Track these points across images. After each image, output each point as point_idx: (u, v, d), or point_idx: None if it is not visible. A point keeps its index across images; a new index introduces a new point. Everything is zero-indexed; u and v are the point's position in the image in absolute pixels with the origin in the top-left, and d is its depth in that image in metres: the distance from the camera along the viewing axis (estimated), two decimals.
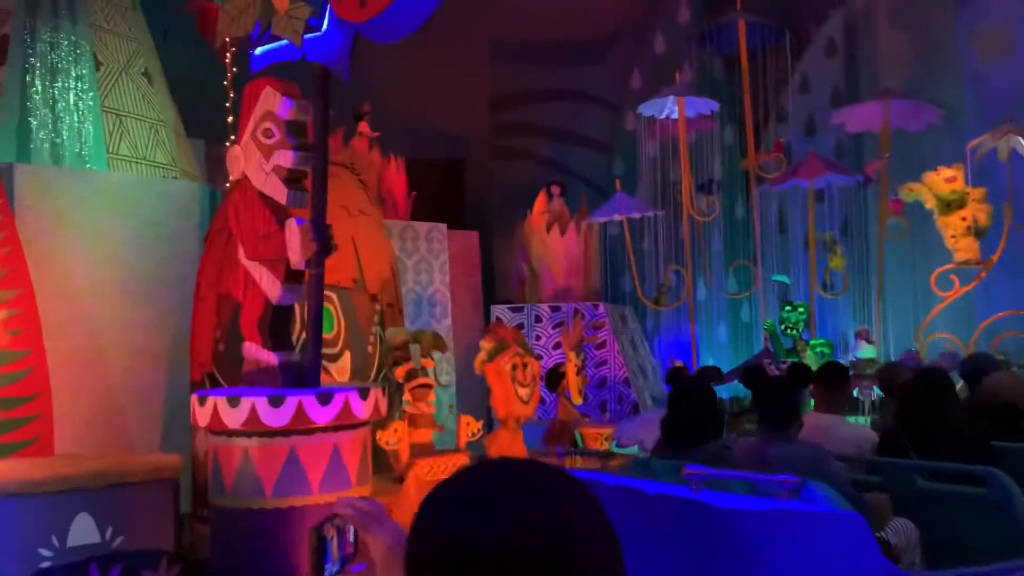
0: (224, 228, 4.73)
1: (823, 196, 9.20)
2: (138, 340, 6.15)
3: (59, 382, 5.64)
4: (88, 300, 5.92)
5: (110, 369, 6.04)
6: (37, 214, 5.75)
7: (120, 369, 6.06)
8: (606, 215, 8.08)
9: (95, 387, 5.91)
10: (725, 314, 9.83)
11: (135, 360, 6.12)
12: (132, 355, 6.09)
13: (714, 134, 9.40)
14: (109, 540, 5.03)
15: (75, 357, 5.80)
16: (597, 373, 8.00)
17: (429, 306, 8.20)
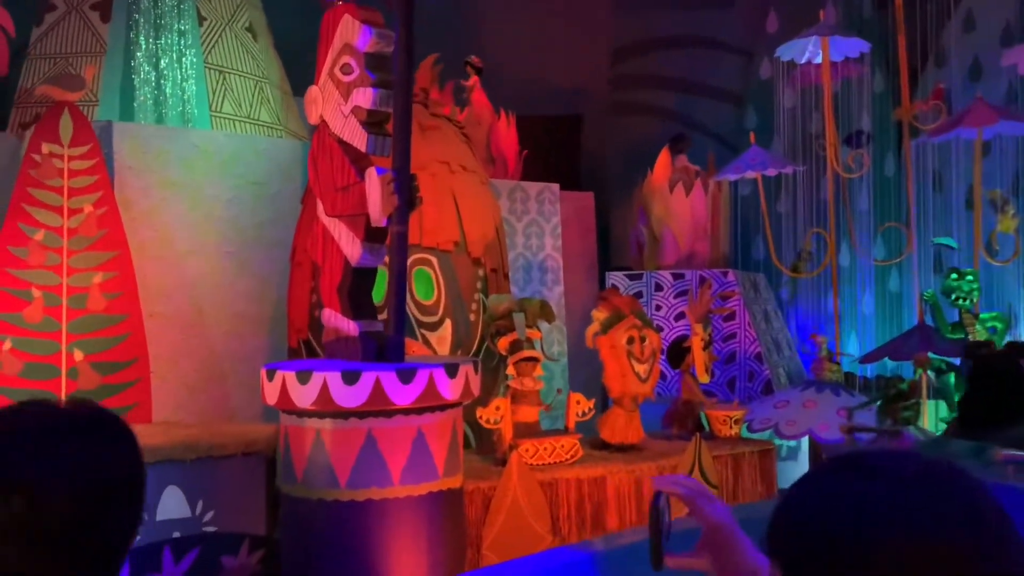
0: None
1: (989, 149, 8.04)
2: (239, 304, 5.95)
3: (158, 348, 5.52)
4: (188, 263, 5.76)
5: (211, 334, 5.88)
6: (136, 174, 5.59)
7: (221, 334, 5.89)
8: (737, 172, 7.27)
9: (195, 353, 5.75)
10: (871, 283, 8.83)
11: (236, 325, 5.93)
12: (233, 320, 5.91)
13: (863, 80, 8.36)
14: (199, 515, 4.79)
15: (174, 322, 5.67)
16: (725, 348, 7.26)
17: (540, 272, 7.66)
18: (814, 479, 0.97)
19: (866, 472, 0.93)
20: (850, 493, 0.91)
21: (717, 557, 1.27)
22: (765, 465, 5.34)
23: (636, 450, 5.11)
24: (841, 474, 0.94)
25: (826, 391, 5.77)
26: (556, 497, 4.51)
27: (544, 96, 9.46)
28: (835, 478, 0.94)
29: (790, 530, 0.94)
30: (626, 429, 5.12)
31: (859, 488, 0.91)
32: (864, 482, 0.91)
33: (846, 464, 0.96)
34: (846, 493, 0.91)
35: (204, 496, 4.62)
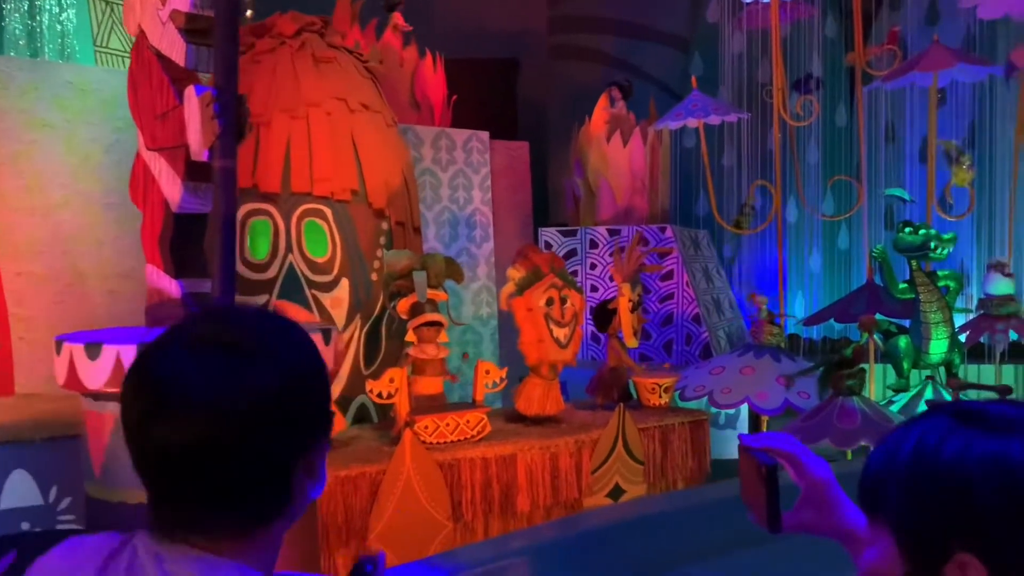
0: None
1: (944, 98, 7.60)
2: (125, 263, 5.29)
3: (28, 310, 4.89)
4: (63, 215, 5.11)
5: (90, 296, 5.24)
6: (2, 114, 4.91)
7: (102, 296, 5.26)
8: (677, 119, 6.71)
9: (72, 317, 5.09)
10: (819, 239, 8.40)
11: (120, 285, 5.29)
12: (116, 280, 5.27)
13: (814, 23, 7.83)
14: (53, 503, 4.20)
15: (47, 282, 5.03)
16: (662, 309, 6.77)
17: (467, 228, 7.07)
18: (932, 433, 0.93)
19: (999, 425, 0.91)
20: (988, 451, 0.89)
21: (817, 515, 1.23)
22: (697, 437, 4.87)
23: (554, 423, 4.60)
24: (967, 429, 0.92)
25: (765, 356, 5.31)
26: (458, 479, 3.98)
27: (477, 38, 8.79)
28: (962, 435, 0.92)
29: (917, 489, 0.91)
30: (543, 400, 4.60)
31: (996, 446, 0.89)
32: (999, 439, 0.89)
33: (969, 416, 0.94)
34: (984, 451, 0.89)
35: (60, 482, 4.03)
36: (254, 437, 0.97)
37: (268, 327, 1.04)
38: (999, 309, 5.54)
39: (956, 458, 0.89)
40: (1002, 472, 0.87)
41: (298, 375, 1.01)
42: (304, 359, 1.04)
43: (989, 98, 7.77)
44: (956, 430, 0.92)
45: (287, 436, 1.00)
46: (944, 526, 0.89)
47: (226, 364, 0.97)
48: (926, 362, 5.12)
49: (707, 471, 4.93)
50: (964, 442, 0.90)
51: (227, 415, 0.95)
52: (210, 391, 0.96)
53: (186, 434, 0.95)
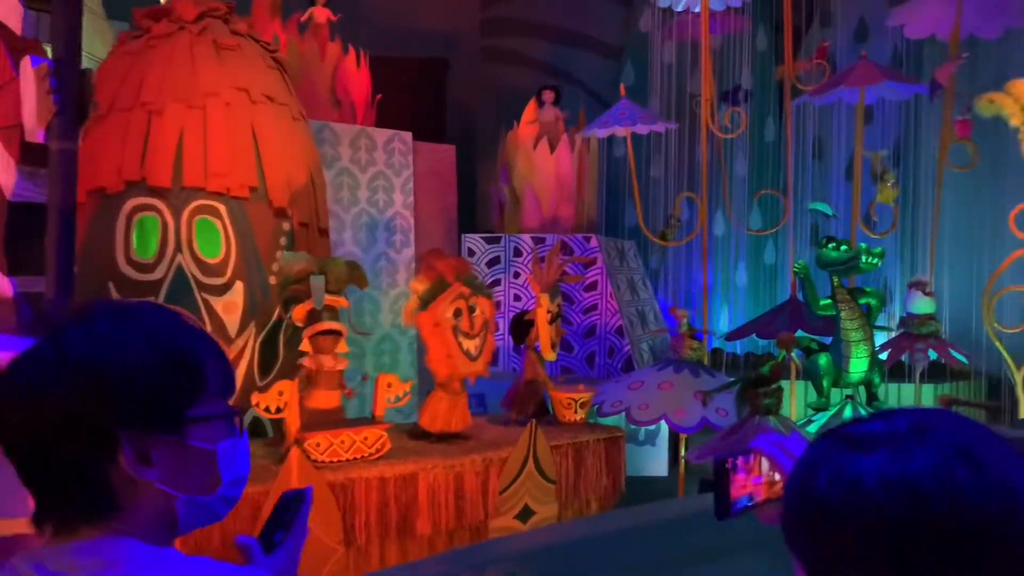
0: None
1: (872, 115, 7.61)
2: None
3: None
4: None
5: None
6: None
7: None
8: (605, 127, 6.54)
9: None
10: (745, 253, 8.34)
11: None
12: None
13: (743, 35, 7.78)
14: None
15: None
16: (585, 320, 6.58)
17: (386, 232, 6.79)
18: (813, 460, 0.89)
19: (864, 444, 0.87)
20: (850, 474, 0.85)
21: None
22: (612, 455, 4.68)
23: (461, 440, 4.36)
24: (841, 453, 0.88)
25: (684, 371, 5.15)
26: (352, 501, 3.70)
27: (406, 37, 8.52)
28: (835, 459, 0.87)
29: (803, 519, 0.88)
30: (449, 415, 4.35)
31: (855, 468, 0.85)
32: (861, 459, 0.86)
33: (844, 439, 0.89)
34: (849, 474, 0.85)
35: None
36: (54, 434, 1.00)
37: (98, 321, 1.04)
38: (919, 328, 5.48)
39: (828, 484, 0.87)
40: (858, 492, 0.85)
41: (103, 369, 1.01)
42: (115, 354, 1.02)
43: (914, 117, 7.81)
44: (832, 455, 0.90)
45: (85, 431, 1.00)
46: (831, 554, 0.87)
47: (43, 359, 1.01)
48: (846, 381, 5.02)
49: (621, 490, 4.74)
50: (835, 467, 0.88)
51: (35, 412, 0.99)
52: (24, 389, 1.00)
53: (13, 434, 1.01)
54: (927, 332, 5.47)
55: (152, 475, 1.02)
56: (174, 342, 1.05)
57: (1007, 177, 6.85)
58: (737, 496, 1.22)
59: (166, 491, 1.03)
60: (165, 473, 1.03)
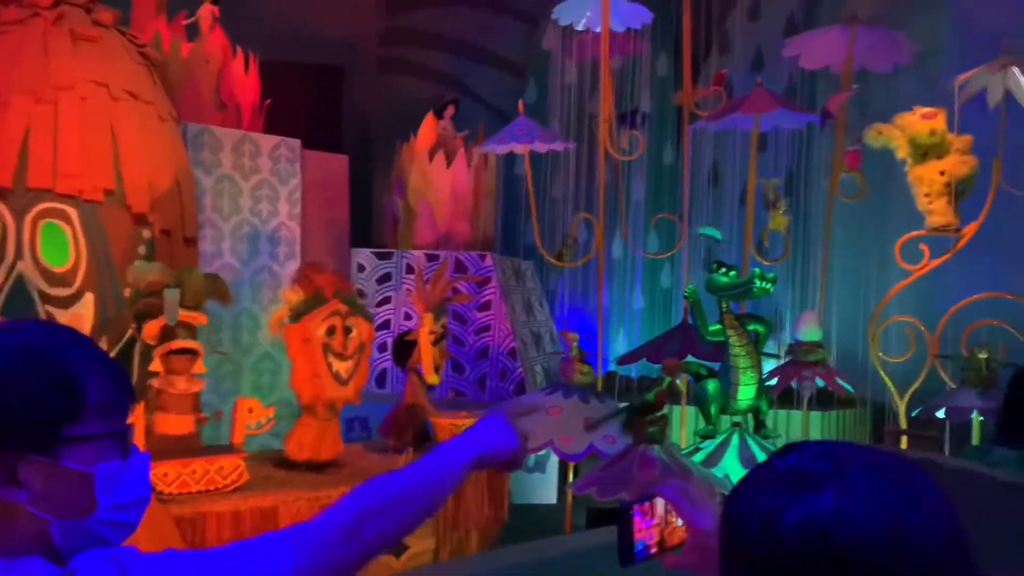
0: None
1: (766, 144, 7.70)
2: None
3: None
4: None
5: None
6: None
7: None
8: (502, 143, 6.38)
9: None
10: (642, 277, 8.31)
11: None
12: None
13: (643, 57, 7.78)
14: None
15: None
16: (478, 341, 6.38)
17: (270, 244, 6.45)
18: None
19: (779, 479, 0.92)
20: (764, 510, 0.90)
21: (700, 561, 1.24)
22: (495, 483, 4.47)
23: (331, 469, 4.07)
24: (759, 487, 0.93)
25: (574, 396, 4.98)
26: (202, 538, 3.37)
27: (301, 43, 8.19)
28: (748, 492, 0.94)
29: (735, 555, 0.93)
30: (317, 442, 4.06)
31: (771, 504, 0.90)
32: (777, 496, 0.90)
33: (763, 472, 0.95)
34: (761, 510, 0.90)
35: None
36: None
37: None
38: (807, 356, 5.48)
39: (800, 530, 0.87)
40: (771, 529, 0.87)
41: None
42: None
43: (807, 147, 7.94)
44: (759, 491, 0.93)
45: None
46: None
47: None
48: (734, 408, 4.95)
49: (504, 519, 4.53)
50: (747, 499, 0.92)
51: None
52: None
53: None
54: (814, 360, 5.47)
55: (21, 497, 0.98)
56: (46, 357, 1.00)
57: (894, 208, 6.99)
58: (640, 542, 1.24)
59: (37, 514, 0.99)
60: (35, 495, 0.99)
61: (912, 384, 5.90)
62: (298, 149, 6.67)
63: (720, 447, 4.86)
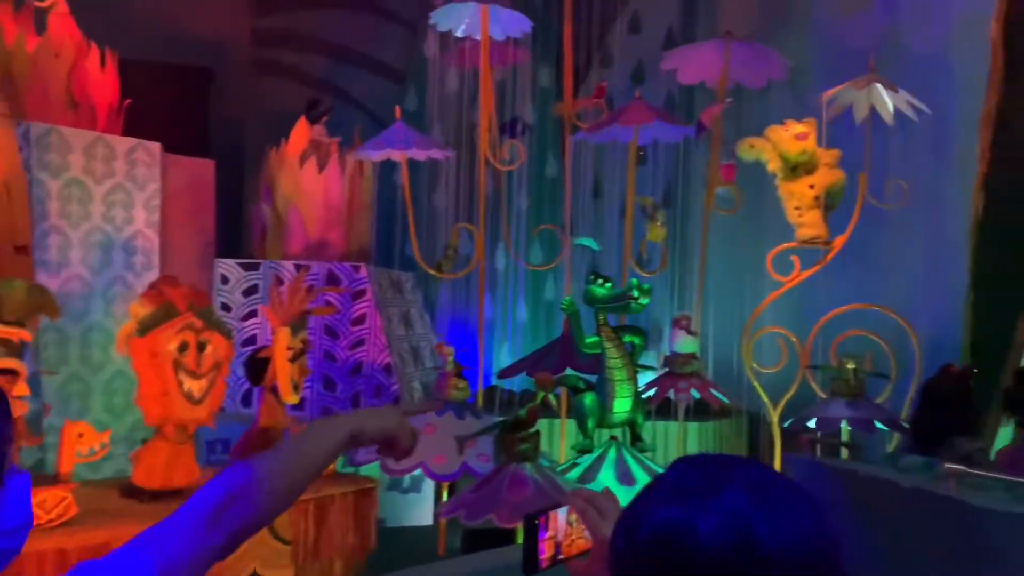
0: None
1: (646, 157, 7.75)
2: None
3: None
4: None
5: None
6: None
7: None
8: (378, 149, 6.16)
9: None
10: (525, 289, 8.21)
11: None
12: None
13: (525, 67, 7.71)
14: None
15: None
16: (351, 356, 6.10)
17: (124, 254, 6.00)
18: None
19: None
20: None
21: (603, 569, 1.19)
22: (362, 508, 4.22)
23: (183, 497, 3.72)
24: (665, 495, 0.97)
25: (448, 413, 4.80)
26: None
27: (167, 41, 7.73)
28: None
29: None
30: (169, 468, 3.73)
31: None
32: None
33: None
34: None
35: None
36: None
37: None
38: (682, 367, 5.48)
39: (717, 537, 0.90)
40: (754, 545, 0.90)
41: None
42: None
43: (685, 160, 8.04)
44: (639, 502, 0.97)
45: None
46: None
47: None
48: (611, 421, 4.88)
49: (371, 547, 4.28)
50: (629, 511, 0.97)
51: None
52: None
53: None
54: (690, 371, 5.48)
55: None
56: None
57: (769, 220, 7.12)
58: (545, 551, 1.24)
59: None
60: None
61: (785, 394, 5.98)
62: (158, 152, 6.25)
63: (597, 461, 4.77)
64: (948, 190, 6.54)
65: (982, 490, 2.57)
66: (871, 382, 5.43)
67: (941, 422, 3.52)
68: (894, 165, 6.30)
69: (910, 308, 6.37)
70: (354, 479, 4.33)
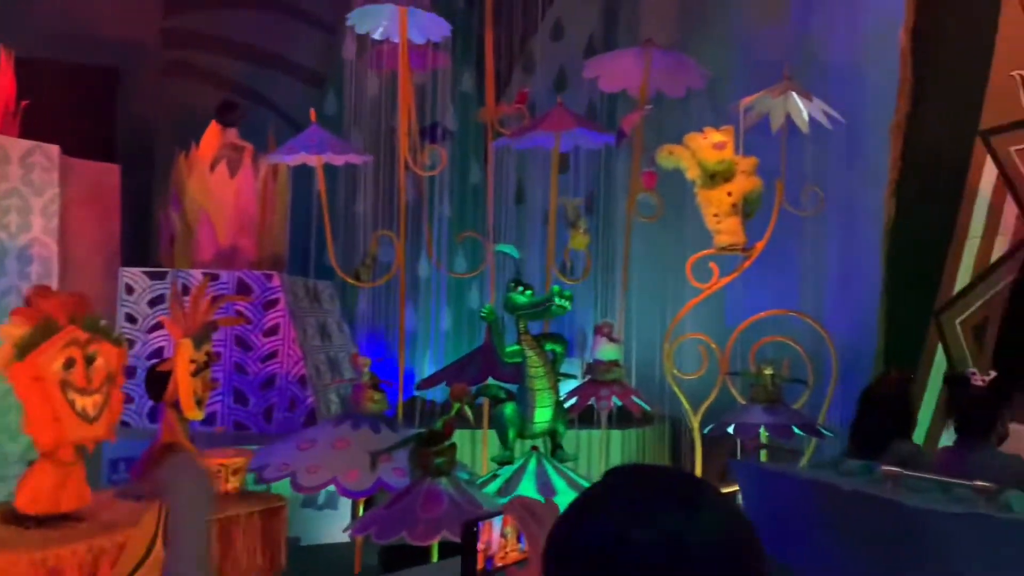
0: None
1: (568, 164, 7.71)
2: None
3: None
4: None
5: None
6: None
7: None
8: (291, 153, 5.95)
9: None
10: (448, 297, 8.09)
11: None
12: None
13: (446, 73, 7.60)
14: None
15: None
16: (264, 369, 5.88)
17: (20, 263, 5.69)
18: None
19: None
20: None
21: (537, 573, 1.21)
22: (271, 528, 4.03)
23: (70, 522, 3.48)
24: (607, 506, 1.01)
25: (364, 427, 4.63)
26: None
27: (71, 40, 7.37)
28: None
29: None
30: (56, 492, 3.46)
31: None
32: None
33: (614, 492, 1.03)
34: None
35: None
36: None
37: None
38: (604, 375, 5.43)
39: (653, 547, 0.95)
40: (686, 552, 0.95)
41: None
42: None
43: (608, 167, 8.04)
44: (568, 513, 1.01)
45: None
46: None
47: None
48: (531, 431, 4.78)
49: (281, 567, 4.09)
50: (561, 521, 1.01)
51: None
52: None
53: None
54: (611, 378, 5.43)
55: None
56: None
57: (690, 227, 7.16)
58: (483, 559, 1.26)
59: None
60: None
61: (705, 400, 5.99)
62: (56, 156, 5.95)
63: (517, 473, 4.67)
64: (861, 197, 6.67)
65: (919, 492, 2.61)
66: (789, 387, 5.47)
67: (881, 426, 3.57)
68: (810, 173, 6.40)
69: (827, 314, 6.47)
70: (262, 497, 4.13)
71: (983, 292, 5.64)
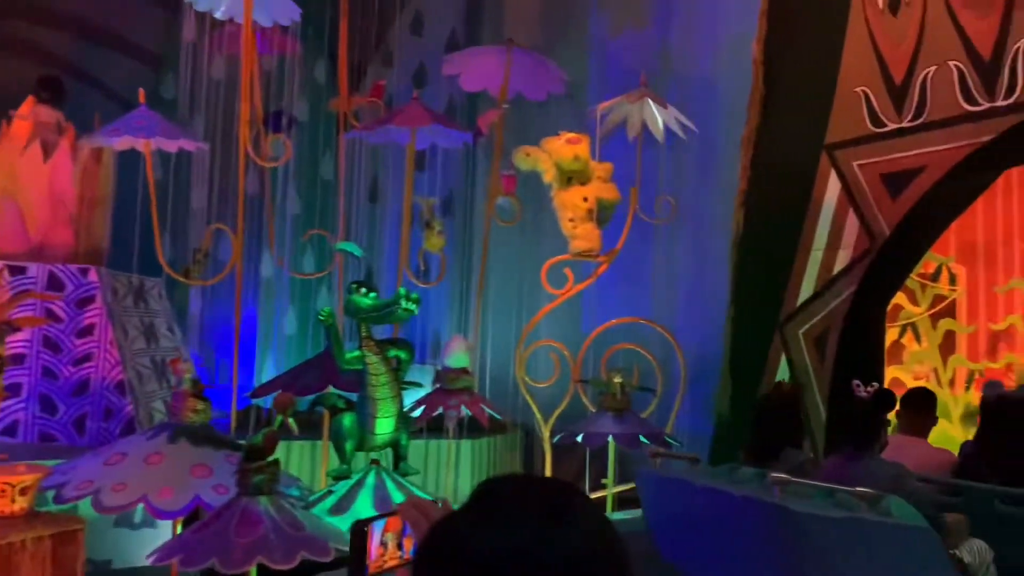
0: None
1: (424, 163, 7.45)
2: None
3: None
4: None
5: None
6: None
7: None
8: (115, 135, 5.38)
9: None
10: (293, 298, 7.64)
11: None
12: None
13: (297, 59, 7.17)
14: None
15: None
16: (77, 373, 5.28)
17: None
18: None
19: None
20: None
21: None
22: (64, 555, 3.54)
23: None
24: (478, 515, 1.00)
25: (182, 440, 4.17)
26: None
27: None
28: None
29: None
30: None
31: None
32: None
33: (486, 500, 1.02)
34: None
35: None
36: None
37: None
38: (453, 383, 5.19)
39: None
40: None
41: None
42: None
43: (468, 168, 7.83)
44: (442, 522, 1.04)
45: None
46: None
47: None
48: (371, 443, 4.46)
49: None
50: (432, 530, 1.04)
51: None
52: None
53: None
54: (460, 387, 5.19)
55: None
56: None
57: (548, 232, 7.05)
58: (372, 559, 1.27)
59: None
60: None
61: (557, 408, 5.87)
62: None
63: (354, 488, 4.34)
64: (712, 207, 6.75)
65: (805, 497, 2.72)
66: (639, 396, 5.40)
67: (773, 436, 3.68)
68: (664, 182, 6.41)
69: (677, 323, 6.49)
70: (55, 520, 3.63)
71: (825, 303, 5.77)
